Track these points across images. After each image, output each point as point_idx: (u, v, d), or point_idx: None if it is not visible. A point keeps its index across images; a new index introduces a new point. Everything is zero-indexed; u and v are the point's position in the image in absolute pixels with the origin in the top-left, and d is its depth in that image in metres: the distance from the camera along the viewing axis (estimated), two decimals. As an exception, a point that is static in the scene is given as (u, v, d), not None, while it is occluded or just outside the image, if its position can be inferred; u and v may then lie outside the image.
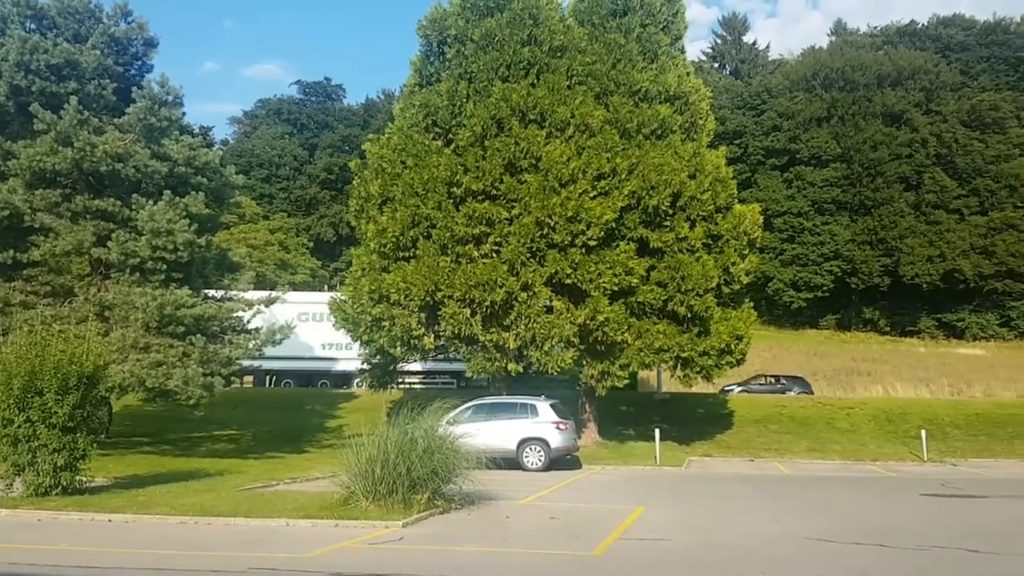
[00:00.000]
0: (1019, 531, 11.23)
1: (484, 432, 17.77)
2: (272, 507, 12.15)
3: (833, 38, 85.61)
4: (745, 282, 24.13)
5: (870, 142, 65.64)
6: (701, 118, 24.73)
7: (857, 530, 11.29)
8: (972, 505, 14.48)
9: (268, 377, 35.72)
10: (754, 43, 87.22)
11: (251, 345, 21.34)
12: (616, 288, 21.74)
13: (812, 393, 34.22)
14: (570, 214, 21.51)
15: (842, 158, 66.40)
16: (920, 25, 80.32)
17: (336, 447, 14.82)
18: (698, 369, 23.10)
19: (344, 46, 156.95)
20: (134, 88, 20.93)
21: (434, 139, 23.94)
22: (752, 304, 25.30)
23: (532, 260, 22.02)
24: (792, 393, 33.68)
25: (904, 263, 62.08)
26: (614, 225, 21.99)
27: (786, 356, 48.48)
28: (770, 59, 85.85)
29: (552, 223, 21.68)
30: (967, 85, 69.26)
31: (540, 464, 19.54)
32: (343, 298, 24.24)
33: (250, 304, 22.14)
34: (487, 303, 21.63)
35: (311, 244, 75.35)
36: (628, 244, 22.16)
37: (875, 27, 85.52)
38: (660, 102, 23.59)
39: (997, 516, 12.97)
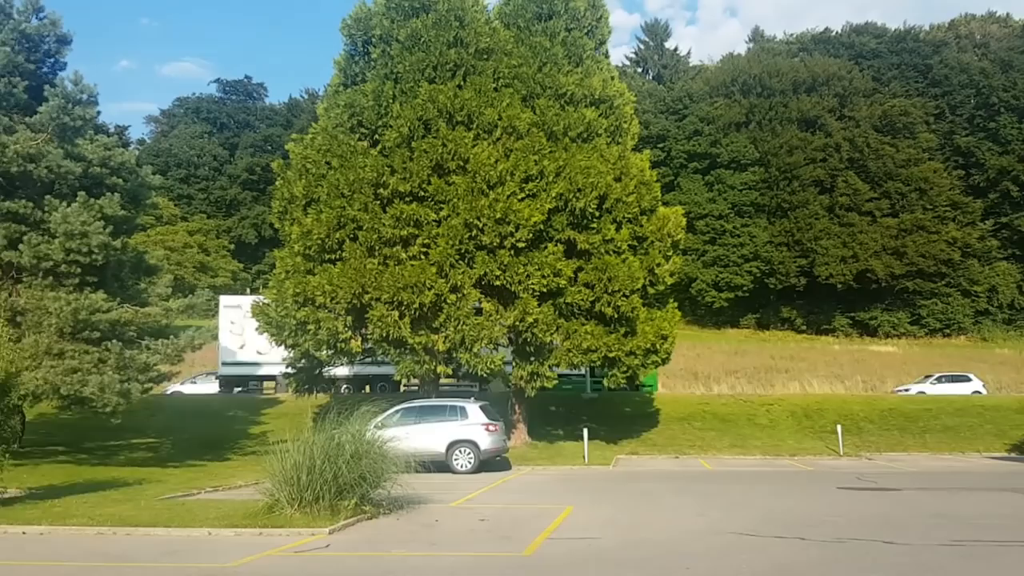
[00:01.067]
0: (929, 522, 11.71)
1: (413, 435, 17.63)
2: (194, 516, 11.82)
3: (751, 45, 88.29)
4: (669, 283, 24.60)
5: (786, 146, 67.83)
6: (626, 122, 25.09)
7: (778, 524, 11.61)
8: (886, 498, 15.06)
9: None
10: (675, 49, 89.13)
11: (169, 351, 20.71)
12: (545, 289, 21.88)
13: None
14: (498, 216, 21.55)
15: (760, 162, 68.40)
16: (834, 33, 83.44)
17: (260, 454, 14.47)
18: (624, 369, 23.41)
19: (266, 44, 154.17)
20: (46, 86, 20.10)
21: (360, 140, 23.66)
22: (676, 304, 25.80)
23: (461, 262, 21.98)
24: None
25: (819, 264, 64.33)
26: (542, 227, 22.12)
27: (709, 355, 49.59)
28: (691, 65, 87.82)
29: (481, 225, 21.68)
30: (879, 91, 72.18)
31: (470, 466, 19.51)
32: (266, 301, 23.72)
33: (169, 309, 21.47)
34: (416, 305, 21.48)
35: (232, 246, 73.71)
36: (556, 246, 22.32)
37: (791, 34, 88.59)
38: (586, 105, 23.84)
39: (909, 508, 13.50)
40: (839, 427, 25.78)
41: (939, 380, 37.46)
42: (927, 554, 9.25)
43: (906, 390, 36.48)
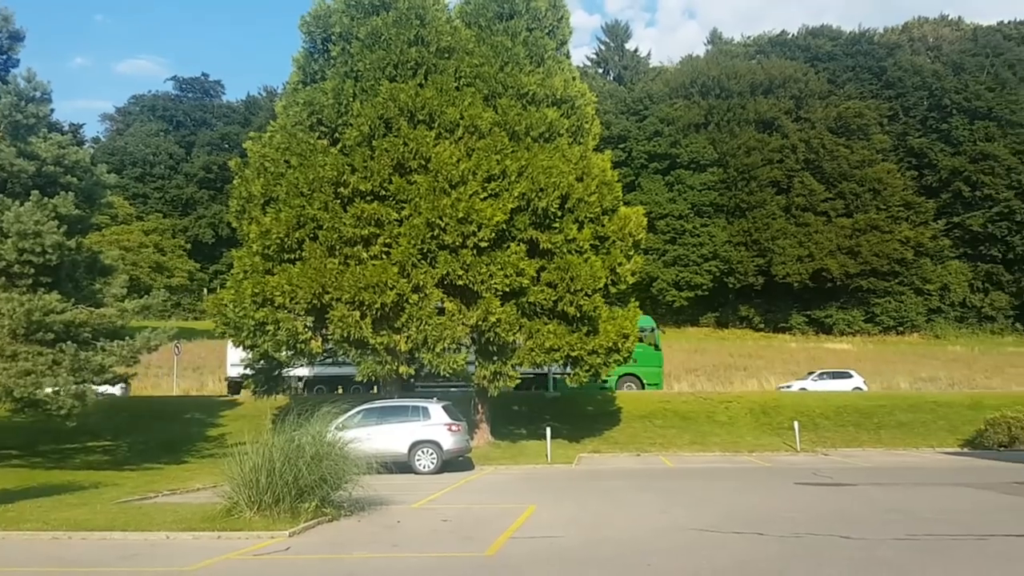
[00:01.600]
0: (884, 517, 11.95)
1: (375, 436, 17.58)
2: (151, 520, 11.64)
3: (709, 47, 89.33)
4: (631, 282, 24.75)
5: (744, 147, 68.78)
6: (587, 122, 25.18)
7: (737, 519, 11.76)
8: (842, 493, 15.33)
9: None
10: (636, 50, 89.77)
11: (125, 352, 20.32)
12: (507, 289, 21.88)
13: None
14: (461, 215, 21.49)
15: (719, 163, 69.26)
16: (790, 35, 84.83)
17: (218, 456, 14.32)
18: (587, 368, 23.52)
19: (223, 41, 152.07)
20: (-1, 83, 19.63)
21: (320, 138, 23.43)
22: (638, 303, 25.95)
23: (423, 261, 21.88)
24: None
25: (776, 263, 65.35)
26: (504, 226, 22.11)
27: (669, 353, 49.94)
28: (651, 66, 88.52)
29: (443, 224, 21.61)
30: (834, 93, 73.53)
31: (432, 467, 19.45)
32: (224, 302, 23.37)
33: (125, 310, 21.05)
34: (377, 305, 21.34)
35: (189, 246, 72.64)
36: (518, 245, 22.33)
37: (748, 37, 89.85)
38: (547, 105, 23.88)
39: (865, 503, 13.76)
40: (796, 423, 26.16)
41: (820, 376, 38.22)
42: (882, 549, 9.43)
43: (788, 387, 36.91)
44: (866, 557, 8.97)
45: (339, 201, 22.24)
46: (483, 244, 21.71)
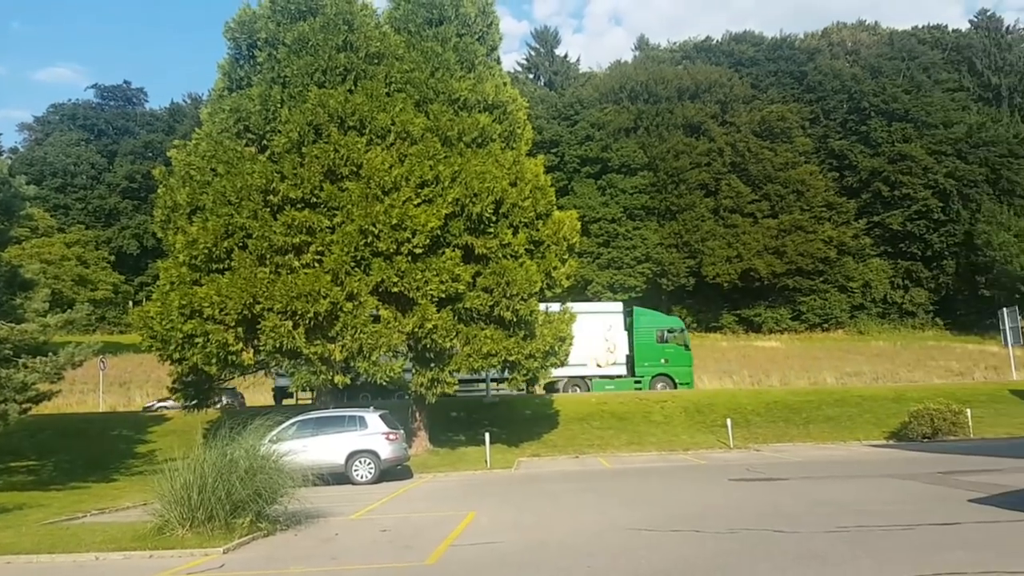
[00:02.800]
0: (816, 510, 12.26)
1: (311, 448, 17.35)
2: (79, 541, 11.27)
3: (637, 53, 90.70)
4: (566, 286, 24.93)
5: (673, 151, 70.03)
6: (519, 127, 25.29)
7: (674, 517, 11.92)
8: (774, 487, 15.67)
9: None
10: (565, 56, 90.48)
11: (48, 369, 19.52)
12: (443, 295, 21.78)
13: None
14: (394, 222, 21.33)
15: (649, 166, 70.33)
16: (715, 41, 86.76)
17: (148, 473, 13.88)
18: (525, 372, 23.58)
19: (145, 48, 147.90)
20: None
21: (247, 145, 22.98)
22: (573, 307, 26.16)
23: (357, 269, 21.63)
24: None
25: (706, 264, 66.69)
26: (439, 232, 22.02)
27: (605, 355, 50.47)
28: (581, 72, 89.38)
29: (376, 231, 21.40)
30: (757, 98, 75.48)
31: (370, 477, 19.21)
32: (150, 314, 22.67)
33: (47, 325, 20.22)
34: (310, 314, 21.00)
35: (113, 258, 70.26)
36: (453, 251, 22.26)
37: (674, 43, 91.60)
38: (479, 111, 23.90)
39: (796, 497, 14.10)
40: (729, 421, 26.68)
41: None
42: (814, 541, 9.67)
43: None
44: (800, 550, 9.19)
45: (268, 209, 21.83)
46: (418, 250, 21.59)
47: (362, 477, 19.19)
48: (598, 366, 34.54)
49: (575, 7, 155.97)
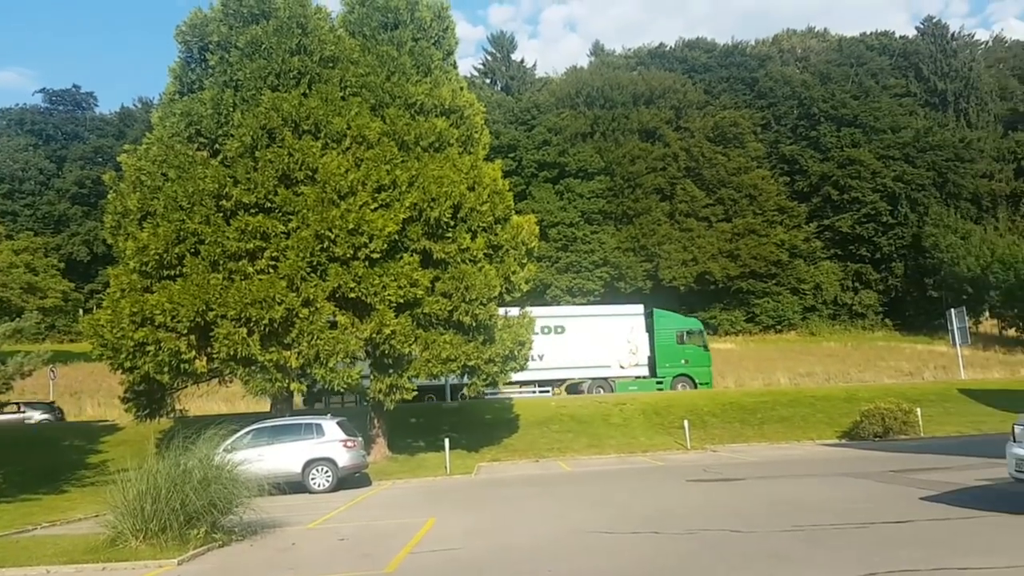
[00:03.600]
0: (771, 510, 12.41)
1: (267, 456, 17.17)
2: (30, 554, 10.97)
3: (592, 59, 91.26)
4: (525, 290, 24.93)
5: (629, 156, 70.65)
6: (476, 132, 25.25)
7: (634, 520, 11.98)
8: (731, 488, 15.85)
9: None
10: (522, 61, 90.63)
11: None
12: (401, 300, 21.64)
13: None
14: (351, 227, 21.14)
15: (605, 171, 70.82)
16: (668, 47, 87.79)
17: (100, 484, 13.56)
18: (484, 377, 23.52)
19: (95, 52, 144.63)
20: None
21: (199, 150, 22.59)
22: (532, 311, 26.19)
23: (313, 274, 21.38)
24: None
25: (663, 267, 67.33)
26: (397, 237, 21.88)
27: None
28: (537, 77, 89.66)
29: (332, 236, 21.19)
30: (710, 103, 76.52)
31: (328, 485, 18.98)
32: (101, 322, 22.13)
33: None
34: (265, 321, 20.69)
35: (62, 265, 68.43)
36: (412, 256, 22.14)
37: (629, 49, 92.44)
38: (436, 115, 23.81)
39: (752, 497, 14.27)
40: (686, 422, 26.93)
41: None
42: (772, 540, 9.78)
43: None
44: (758, 550, 9.28)
45: (221, 214, 21.49)
46: (375, 255, 21.42)
47: (319, 485, 18.95)
48: (621, 367, 35.49)
49: (530, 13, 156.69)
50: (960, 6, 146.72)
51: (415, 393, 23.61)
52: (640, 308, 37.80)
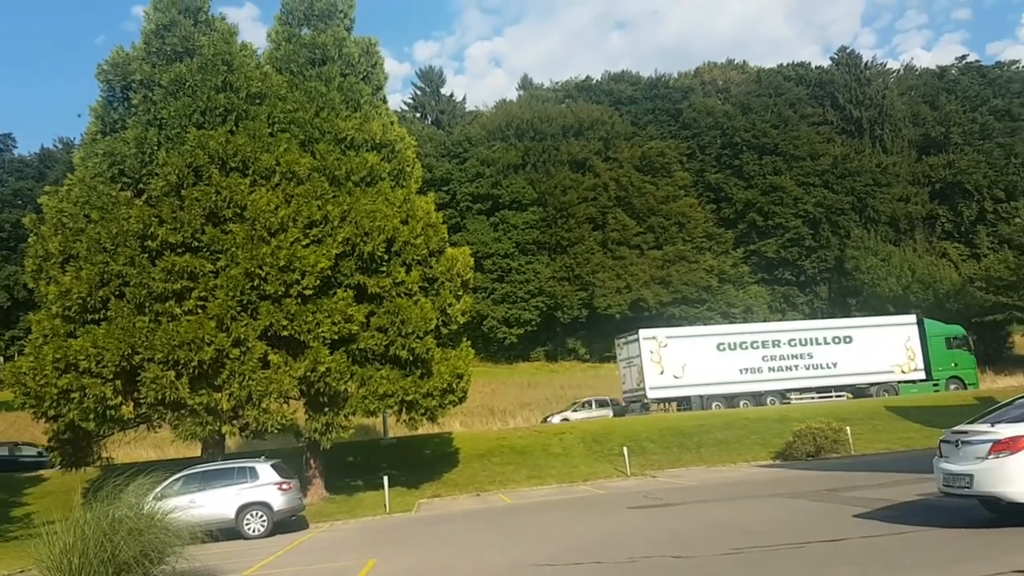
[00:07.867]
0: (711, 533, 12.53)
1: (199, 502, 16.68)
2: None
3: (521, 92, 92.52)
4: (462, 322, 24.89)
5: (560, 186, 71.65)
6: (408, 165, 25.27)
7: (575, 550, 11.95)
8: (671, 513, 15.96)
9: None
10: (451, 95, 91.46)
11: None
12: (336, 337, 21.36)
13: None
14: (282, 263, 20.84)
15: (538, 202, 71.63)
16: (595, 80, 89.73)
17: (24, 538, 12.91)
18: (423, 411, 23.29)
19: (12, 92, 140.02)
20: None
21: (122, 190, 22.05)
22: (469, 343, 26.10)
23: (243, 314, 20.97)
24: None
25: (598, 295, 68.15)
26: (330, 273, 21.66)
27: (504, 389, 50.68)
28: (467, 110, 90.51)
29: (263, 274, 20.85)
30: (637, 134, 78.31)
31: (263, 530, 18.43)
32: (23, 370, 21.23)
33: None
34: (194, 363, 20.16)
35: (-21, 311, 65.78)
36: (346, 291, 21.92)
37: (556, 82, 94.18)
38: (367, 150, 23.76)
39: (692, 521, 14.39)
40: (625, 449, 27.07)
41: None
42: (711, 565, 9.87)
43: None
44: (696, 575, 9.35)
45: (147, 255, 20.97)
46: (308, 292, 21.15)
47: (254, 531, 18.40)
48: (902, 372, 38.82)
49: (454, 50, 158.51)
50: (868, 38, 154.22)
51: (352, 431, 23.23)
52: (913, 318, 40.97)
